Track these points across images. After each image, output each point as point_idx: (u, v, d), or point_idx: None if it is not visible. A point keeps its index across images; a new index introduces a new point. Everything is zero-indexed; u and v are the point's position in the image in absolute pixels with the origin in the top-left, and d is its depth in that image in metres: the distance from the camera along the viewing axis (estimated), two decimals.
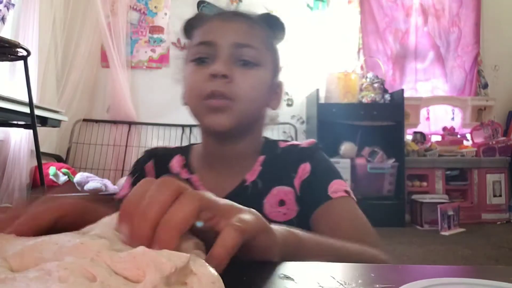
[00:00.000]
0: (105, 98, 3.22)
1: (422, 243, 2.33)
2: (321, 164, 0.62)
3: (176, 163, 0.66)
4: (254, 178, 0.61)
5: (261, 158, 0.63)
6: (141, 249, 0.23)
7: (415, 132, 3.29)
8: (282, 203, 0.59)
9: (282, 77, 0.67)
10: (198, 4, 3.36)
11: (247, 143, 0.62)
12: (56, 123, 2.22)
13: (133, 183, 0.67)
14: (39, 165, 1.90)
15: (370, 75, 3.11)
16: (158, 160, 0.68)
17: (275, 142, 0.67)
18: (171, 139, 3.23)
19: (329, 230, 0.53)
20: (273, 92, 0.63)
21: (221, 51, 0.57)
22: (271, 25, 0.65)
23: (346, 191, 0.59)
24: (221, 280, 0.23)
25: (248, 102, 0.57)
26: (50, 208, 0.30)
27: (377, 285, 0.27)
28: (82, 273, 0.20)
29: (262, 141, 0.66)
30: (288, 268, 0.32)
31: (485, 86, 3.46)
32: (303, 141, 0.66)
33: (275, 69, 0.64)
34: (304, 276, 0.29)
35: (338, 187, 0.58)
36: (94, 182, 2.49)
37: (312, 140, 0.66)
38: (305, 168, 0.61)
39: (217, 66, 0.55)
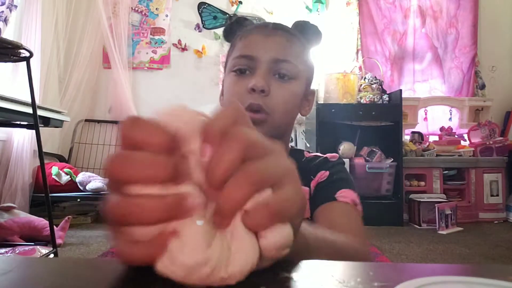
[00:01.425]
0: (107, 99, 3.25)
1: (420, 242, 2.35)
2: (339, 173, 0.65)
3: None
4: None
5: None
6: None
7: (413, 132, 3.31)
8: None
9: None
10: (199, 6, 3.39)
11: None
12: (59, 124, 2.23)
13: None
14: (42, 165, 1.92)
15: (368, 75, 3.13)
16: None
17: (301, 151, 0.71)
18: None
19: (324, 225, 0.55)
20: (305, 100, 0.67)
21: (261, 65, 0.60)
22: (307, 33, 0.67)
23: (354, 201, 0.60)
24: None
25: (283, 115, 0.60)
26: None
27: (376, 283, 0.26)
28: None
29: (288, 148, 0.69)
30: (286, 266, 0.31)
31: (483, 86, 3.48)
32: (327, 155, 0.69)
33: (309, 79, 0.67)
34: (302, 275, 0.29)
35: (347, 195, 0.60)
36: (96, 182, 2.51)
37: (335, 154, 0.70)
38: (323, 174, 0.65)
39: (257, 81, 0.58)
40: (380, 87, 3.06)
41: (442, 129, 3.39)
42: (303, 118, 3.35)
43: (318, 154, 0.70)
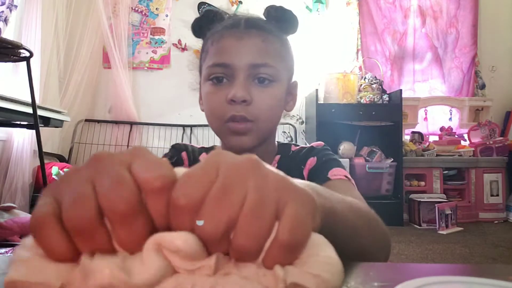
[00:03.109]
0: (107, 99, 3.25)
1: (420, 242, 2.35)
2: (326, 156, 0.66)
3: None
4: None
5: (277, 157, 0.68)
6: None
7: (413, 132, 3.32)
8: None
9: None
10: (199, 6, 3.39)
11: (265, 147, 0.65)
12: (59, 123, 2.24)
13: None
14: (42, 165, 1.92)
15: (368, 75, 3.13)
16: (189, 154, 0.69)
17: (288, 145, 0.71)
18: (172, 139, 3.25)
19: None
20: (289, 95, 0.65)
21: (238, 73, 0.57)
22: (281, 20, 0.64)
23: (346, 176, 0.60)
24: None
25: (268, 120, 0.60)
26: None
27: (376, 283, 0.26)
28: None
29: (275, 146, 0.70)
30: None
31: (483, 86, 3.48)
32: (313, 143, 0.71)
33: (290, 73, 0.65)
34: None
35: (338, 172, 0.60)
36: None
37: (320, 142, 0.71)
38: (313, 160, 0.65)
39: (236, 91, 0.56)
40: (380, 87, 3.06)
41: (442, 129, 3.40)
42: (303, 118, 3.36)
43: (304, 145, 0.71)
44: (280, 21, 0.64)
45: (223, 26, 0.62)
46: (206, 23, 0.65)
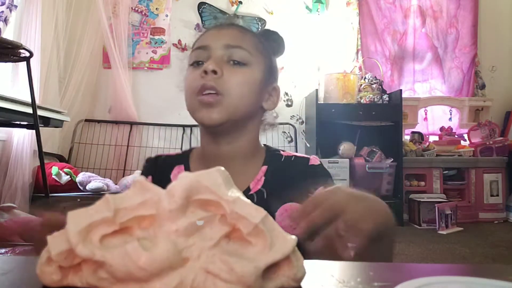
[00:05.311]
0: (107, 99, 3.24)
1: (420, 242, 2.35)
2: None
3: (177, 173, 0.69)
4: (259, 187, 0.64)
5: (264, 168, 0.66)
6: None
7: (413, 132, 3.31)
8: None
9: (280, 81, 0.70)
10: (199, 6, 3.39)
11: (242, 143, 0.65)
12: (59, 124, 2.24)
13: None
14: (42, 165, 1.92)
15: (368, 75, 3.13)
16: (159, 173, 0.69)
17: (277, 151, 0.70)
18: (172, 139, 3.25)
19: None
20: (266, 93, 0.67)
21: (214, 52, 0.62)
22: (267, 38, 0.70)
23: None
24: None
25: (237, 97, 0.61)
26: None
27: (376, 283, 0.27)
28: None
29: (263, 149, 0.69)
30: None
31: (483, 86, 3.48)
32: (306, 155, 0.69)
33: (269, 72, 0.67)
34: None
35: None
36: (96, 182, 2.51)
37: (314, 156, 0.69)
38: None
39: (208, 63, 0.61)
40: (380, 87, 3.06)
41: (442, 129, 3.39)
42: (303, 118, 3.36)
43: (297, 154, 0.69)
44: (268, 39, 0.70)
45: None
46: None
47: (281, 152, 0.69)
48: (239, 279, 0.25)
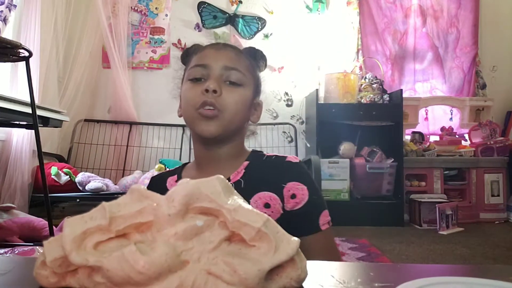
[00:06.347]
0: (106, 99, 3.24)
1: (420, 243, 2.34)
2: (317, 193, 0.72)
3: (171, 182, 0.79)
4: (238, 178, 0.72)
5: (246, 163, 0.75)
6: None
7: (413, 132, 3.31)
8: (267, 205, 0.69)
9: (280, 81, 0.74)
10: (199, 6, 3.39)
11: (229, 148, 0.75)
12: (58, 123, 2.23)
13: None
14: (41, 165, 1.91)
15: (369, 75, 3.13)
16: (154, 187, 0.75)
17: (261, 152, 0.79)
18: (171, 139, 3.24)
19: (316, 255, 0.66)
20: (253, 109, 0.77)
21: (213, 72, 0.71)
22: (254, 57, 0.79)
23: (329, 221, 0.71)
24: None
25: (233, 113, 0.70)
26: None
27: (376, 284, 0.27)
28: None
29: (248, 151, 0.78)
30: None
31: (483, 86, 3.47)
32: (287, 155, 0.76)
33: (256, 90, 0.77)
34: None
35: (325, 219, 0.71)
36: (95, 182, 2.51)
37: (295, 156, 0.76)
38: (303, 192, 0.69)
39: (210, 83, 0.69)
40: (380, 87, 3.05)
41: (442, 129, 3.39)
42: (303, 118, 3.35)
43: (279, 155, 0.76)
44: (253, 56, 0.79)
45: (205, 45, 0.78)
46: (192, 51, 0.78)
47: (265, 153, 0.78)
48: (242, 281, 0.25)
